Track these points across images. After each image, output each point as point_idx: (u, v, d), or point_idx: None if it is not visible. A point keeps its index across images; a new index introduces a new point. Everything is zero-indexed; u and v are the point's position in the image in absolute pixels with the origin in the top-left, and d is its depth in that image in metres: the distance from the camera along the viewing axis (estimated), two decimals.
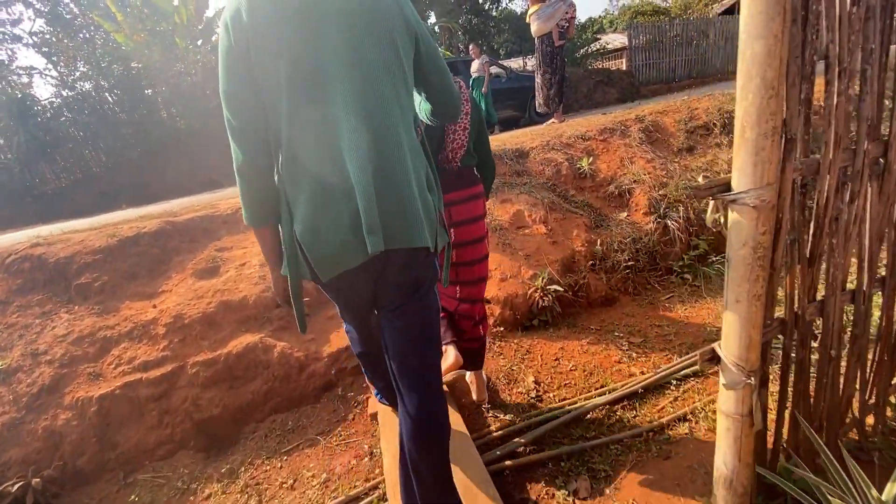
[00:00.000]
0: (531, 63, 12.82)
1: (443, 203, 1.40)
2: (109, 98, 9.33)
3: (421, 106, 1.56)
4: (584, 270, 3.01)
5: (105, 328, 2.55)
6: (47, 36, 11.33)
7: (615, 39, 17.02)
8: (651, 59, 12.67)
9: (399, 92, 1.10)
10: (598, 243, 3.15)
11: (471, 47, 7.83)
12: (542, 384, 2.34)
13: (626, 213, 3.42)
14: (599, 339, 2.66)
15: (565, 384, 2.33)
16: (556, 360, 2.52)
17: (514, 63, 13.18)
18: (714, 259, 3.20)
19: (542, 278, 2.81)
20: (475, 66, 7.79)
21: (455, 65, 8.54)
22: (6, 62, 10.09)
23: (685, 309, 2.88)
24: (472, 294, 1.94)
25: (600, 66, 13.84)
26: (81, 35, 11.40)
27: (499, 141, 4.40)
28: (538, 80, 5.65)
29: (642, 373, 2.34)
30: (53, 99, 9.35)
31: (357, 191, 1.01)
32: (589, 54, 13.78)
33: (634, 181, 3.55)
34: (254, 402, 2.38)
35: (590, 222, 3.33)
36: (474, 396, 2.21)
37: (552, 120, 5.85)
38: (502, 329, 2.74)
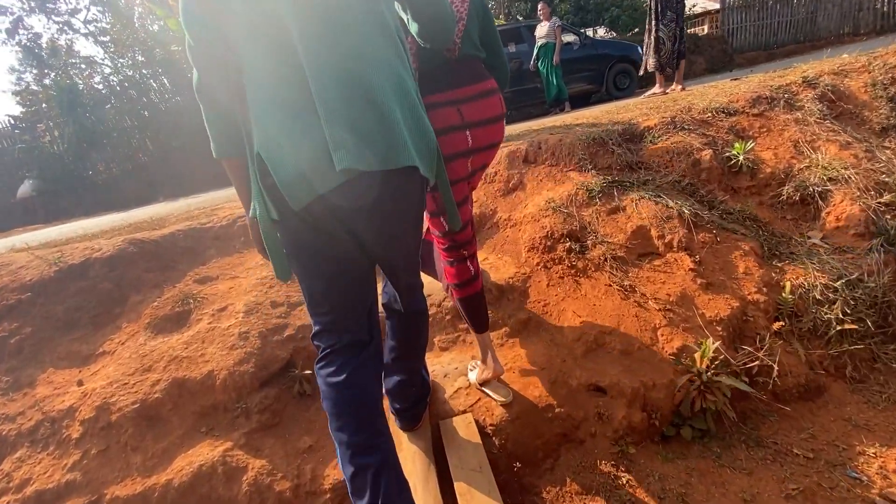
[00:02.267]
0: (601, 32, 11.01)
1: (453, 99, 1.32)
2: (154, 84, 8.79)
3: (409, 27, 1.20)
4: (766, 336, 1.72)
5: (4, 420, 1.61)
6: (104, 24, 11.05)
7: (697, 3, 14.59)
8: (748, 20, 10.50)
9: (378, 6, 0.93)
10: (787, 289, 1.83)
11: (540, 6, 6.36)
12: None
13: (820, 234, 2.06)
14: (820, 482, 1.39)
15: None
16: None
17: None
18: None
19: (704, 356, 1.56)
20: (543, 29, 6.34)
21: (518, 31, 7.12)
22: (64, 49, 9.85)
23: None
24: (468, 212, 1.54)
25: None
26: (136, 22, 10.99)
27: (592, 117, 3.10)
28: (655, 34, 4.18)
29: None
30: (101, 87, 8.93)
31: (317, 101, 0.84)
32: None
33: (829, 179, 2.16)
34: None
35: (760, 248, 2.01)
36: (488, 375, 1.61)
37: (655, 88, 4.38)
38: (632, 447, 1.53)
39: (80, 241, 2.36)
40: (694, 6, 12.94)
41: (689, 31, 12.43)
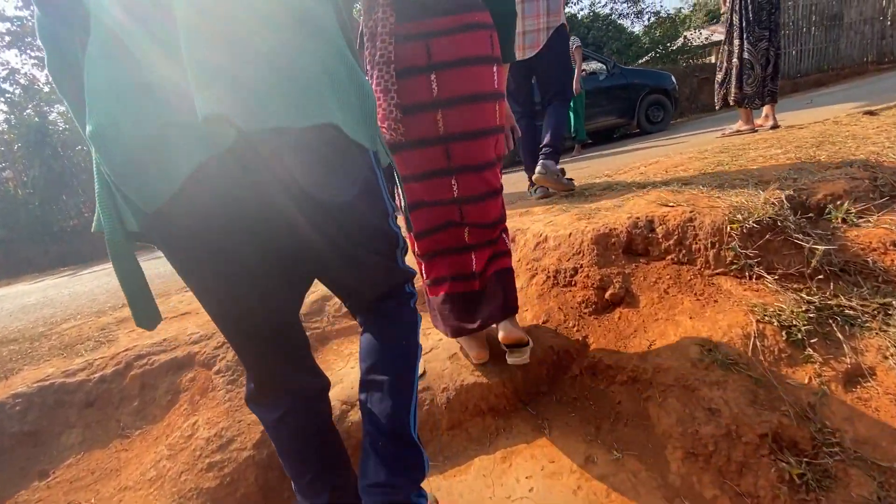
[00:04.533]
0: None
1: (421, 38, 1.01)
2: None
3: None
4: None
5: None
6: None
7: (699, 36, 13.99)
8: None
9: None
10: None
11: None
12: None
13: None
14: None
15: None
16: None
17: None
18: None
19: None
20: None
21: None
22: (41, 84, 8.92)
23: None
24: (472, 186, 1.15)
25: (704, 62, 11.03)
26: None
27: (693, 167, 2.00)
28: (739, 56, 3.16)
29: None
30: (67, 125, 7.95)
31: (182, 27, 0.52)
32: (687, 49, 11.00)
33: None
34: None
35: None
36: (500, 336, 1.27)
37: (740, 125, 3.32)
38: None
39: None
40: (711, 35, 12.30)
41: (697, 61, 11.66)
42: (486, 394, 1.34)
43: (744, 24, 3.09)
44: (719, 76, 3.31)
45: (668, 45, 11.09)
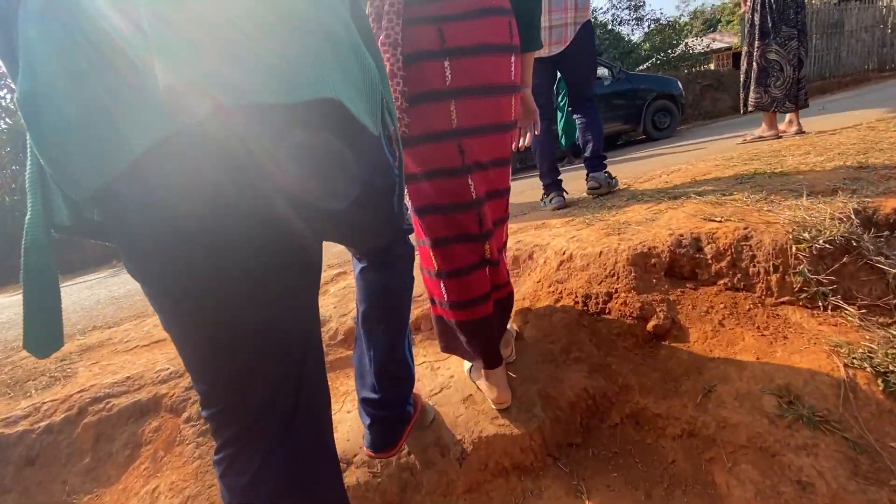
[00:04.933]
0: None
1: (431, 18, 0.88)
2: None
3: None
4: None
5: None
6: None
7: (700, 43, 13.94)
8: None
9: None
10: None
11: None
12: None
13: None
14: None
15: None
16: None
17: None
18: None
19: None
20: None
21: None
22: None
23: None
24: (493, 182, 1.03)
25: (704, 69, 10.92)
26: None
27: (731, 175, 1.79)
28: (763, 57, 2.96)
29: None
30: None
31: None
32: (688, 56, 10.90)
33: None
34: None
35: None
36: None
37: (762, 130, 3.11)
38: None
39: None
40: (713, 42, 12.23)
41: (699, 68, 11.55)
42: (510, 447, 1.12)
43: (769, 25, 2.91)
44: (742, 79, 3.12)
45: (669, 52, 10.99)
